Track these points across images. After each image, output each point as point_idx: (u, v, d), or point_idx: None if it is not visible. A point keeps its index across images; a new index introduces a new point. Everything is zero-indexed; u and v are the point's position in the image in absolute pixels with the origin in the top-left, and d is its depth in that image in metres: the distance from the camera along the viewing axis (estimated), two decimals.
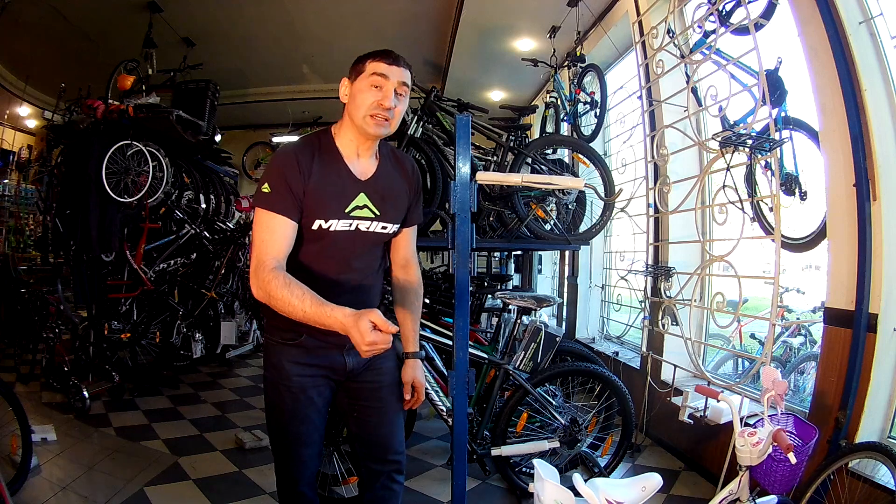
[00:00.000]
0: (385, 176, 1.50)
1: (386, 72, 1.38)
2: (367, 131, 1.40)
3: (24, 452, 2.35)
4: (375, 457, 1.57)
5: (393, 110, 1.39)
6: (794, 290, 3.48)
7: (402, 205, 1.53)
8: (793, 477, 1.60)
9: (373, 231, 1.46)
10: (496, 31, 4.55)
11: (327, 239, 1.42)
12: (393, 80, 1.39)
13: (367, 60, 1.40)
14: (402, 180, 1.54)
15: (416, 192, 1.57)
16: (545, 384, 2.56)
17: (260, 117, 7.38)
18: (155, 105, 4.10)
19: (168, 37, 4.70)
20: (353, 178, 1.44)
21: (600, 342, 4.36)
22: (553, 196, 3.11)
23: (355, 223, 1.43)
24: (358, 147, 1.46)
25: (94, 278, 3.88)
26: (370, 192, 1.45)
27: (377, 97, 1.38)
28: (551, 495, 1.61)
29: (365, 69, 1.40)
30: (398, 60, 1.41)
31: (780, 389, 1.69)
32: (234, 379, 4.58)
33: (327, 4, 4.53)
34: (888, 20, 1.99)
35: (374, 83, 1.38)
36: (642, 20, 3.29)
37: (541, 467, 1.70)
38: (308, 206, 1.38)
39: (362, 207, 1.43)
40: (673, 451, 2.98)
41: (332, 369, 1.50)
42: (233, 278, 5.26)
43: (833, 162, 2.11)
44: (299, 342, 1.47)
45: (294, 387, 1.48)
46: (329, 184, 1.41)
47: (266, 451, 2.83)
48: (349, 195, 1.42)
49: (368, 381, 1.54)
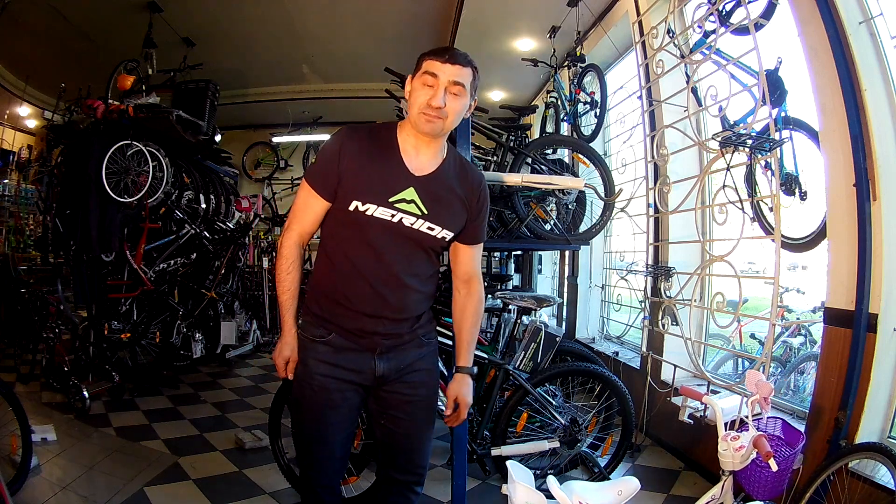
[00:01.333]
0: (443, 178, 1.45)
1: (437, 70, 1.36)
2: (419, 128, 1.39)
3: (24, 452, 2.35)
4: (398, 466, 1.57)
5: (444, 109, 1.36)
6: (794, 290, 3.48)
7: (458, 213, 1.47)
8: (777, 483, 1.58)
9: (417, 229, 1.41)
10: (496, 31, 4.55)
11: (366, 224, 1.39)
12: (444, 78, 1.36)
13: (424, 58, 1.39)
14: (462, 189, 1.48)
15: (478, 208, 1.51)
16: (545, 384, 2.56)
17: (260, 117, 7.38)
18: (155, 105, 4.10)
19: (168, 37, 4.69)
20: (405, 170, 1.42)
21: (600, 342, 4.36)
22: (553, 196, 3.11)
23: (399, 215, 1.39)
24: (417, 143, 1.44)
25: (94, 278, 3.87)
26: (421, 188, 1.41)
27: (428, 95, 1.36)
28: (522, 498, 1.58)
29: (421, 66, 1.39)
30: (454, 58, 1.36)
31: (764, 392, 1.65)
32: (234, 379, 4.58)
33: (327, 4, 4.53)
34: (888, 20, 1.99)
35: (426, 82, 1.37)
36: (642, 20, 3.29)
37: (513, 469, 1.66)
38: (346, 186, 1.39)
39: (409, 202, 1.40)
40: (673, 451, 2.98)
41: (361, 373, 1.46)
42: (233, 278, 5.27)
43: (833, 162, 2.11)
44: (327, 340, 1.46)
45: (315, 385, 1.46)
46: (376, 169, 1.40)
47: (266, 451, 2.83)
48: (398, 186, 1.40)
49: (401, 392, 1.51)
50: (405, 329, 1.48)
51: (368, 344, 1.45)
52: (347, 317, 1.44)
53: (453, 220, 1.46)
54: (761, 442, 1.47)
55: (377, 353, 1.46)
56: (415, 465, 1.57)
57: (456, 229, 1.48)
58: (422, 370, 1.53)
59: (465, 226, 1.50)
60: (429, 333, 1.57)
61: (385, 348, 1.47)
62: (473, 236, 1.53)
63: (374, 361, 1.46)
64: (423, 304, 1.52)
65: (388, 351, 1.47)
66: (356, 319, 1.44)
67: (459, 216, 1.48)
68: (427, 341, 1.55)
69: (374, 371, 1.47)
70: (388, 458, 1.58)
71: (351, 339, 1.45)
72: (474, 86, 1.42)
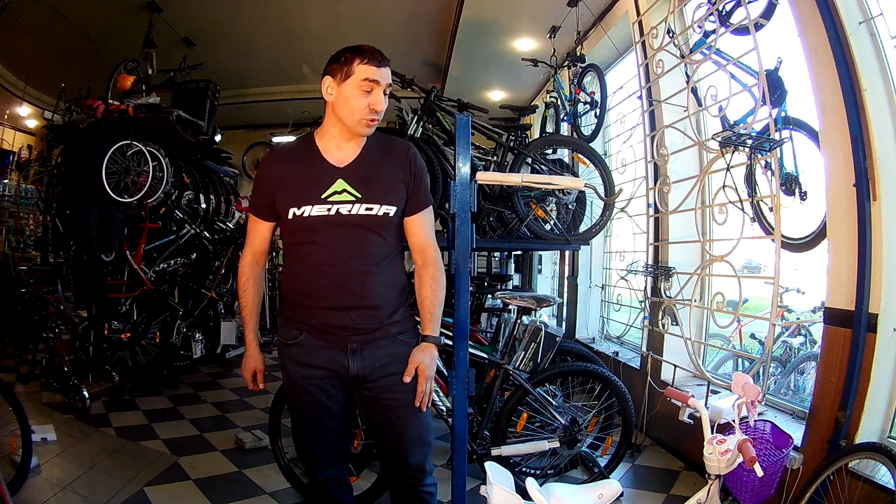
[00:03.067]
0: (367, 160, 1.49)
1: (377, 76, 1.41)
2: (360, 132, 1.45)
3: (24, 452, 2.35)
4: (397, 468, 1.58)
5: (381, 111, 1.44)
6: (795, 290, 3.48)
7: (393, 187, 1.49)
8: (765, 488, 1.56)
9: (357, 213, 1.44)
10: (496, 31, 4.55)
11: (308, 226, 1.44)
12: (383, 83, 1.42)
13: (356, 62, 1.41)
14: (390, 163, 1.51)
15: (413, 176, 1.52)
16: (545, 384, 2.56)
17: (260, 117, 7.38)
18: (155, 105, 4.10)
19: (168, 37, 4.69)
20: (329, 167, 1.47)
21: (600, 342, 4.36)
22: (553, 196, 3.11)
23: (335, 207, 1.43)
24: (339, 142, 1.48)
25: (94, 278, 3.87)
26: (348, 176, 1.46)
27: (369, 101, 1.41)
28: (500, 500, 1.55)
29: (354, 72, 1.41)
30: (385, 60, 1.43)
31: (751, 395, 1.62)
32: (234, 379, 4.58)
33: (327, 4, 4.54)
34: (888, 20, 1.98)
35: (364, 88, 1.40)
36: (642, 20, 3.28)
37: (491, 471, 1.63)
38: (281, 200, 1.46)
39: (341, 192, 1.44)
40: (673, 450, 2.98)
41: (335, 372, 1.48)
42: (233, 278, 5.25)
43: (833, 162, 2.11)
44: (299, 341, 1.48)
45: (298, 388, 1.50)
46: (303, 175, 1.46)
47: (266, 451, 2.83)
48: (326, 182, 1.45)
49: (382, 396, 1.51)
50: (373, 323, 1.47)
51: (338, 341, 1.46)
52: (314, 314, 1.47)
53: (390, 195, 1.48)
54: (746, 446, 1.44)
55: (348, 350, 1.47)
56: (411, 468, 1.56)
57: (397, 203, 1.49)
58: (398, 374, 1.49)
59: (407, 198, 1.51)
60: (405, 332, 1.54)
61: (356, 345, 1.47)
62: (415, 204, 1.53)
63: (347, 360, 1.47)
64: (388, 290, 1.51)
65: (360, 348, 1.47)
66: (322, 315, 1.46)
67: (396, 190, 1.49)
68: (404, 341, 1.53)
69: (347, 369, 1.47)
70: (387, 460, 1.60)
71: (321, 336, 1.47)
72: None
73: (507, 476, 1.68)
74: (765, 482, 1.54)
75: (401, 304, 1.54)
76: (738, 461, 1.51)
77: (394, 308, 1.51)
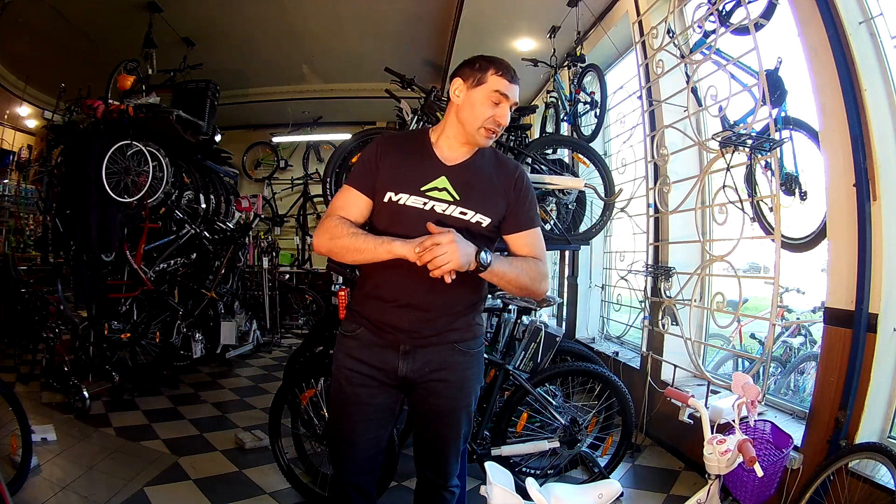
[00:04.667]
0: (476, 167, 1.49)
1: (508, 91, 1.42)
2: (477, 141, 1.46)
3: (24, 452, 2.35)
4: (431, 467, 1.59)
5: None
6: (795, 290, 3.48)
7: (494, 199, 1.47)
8: (765, 488, 1.56)
9: (450, 215, 1.43)
10: (496, 31, 4.55)
11: (400, 213, 1.43)
12: (512, 99, 1.43)
13: (490, 72, 1.43)
14: (497, 177, 1.50)
15: (518, 194, 1.49)
16: (545, 384, 2.56)
17: (260, 117, 7.38)
18: (155, 105, 4.10)
19: (168, 37, 4.69)
20: (437, 161, 1.47)
21: (600, 342, 4.36)
22: (553, 196, 3.11)
23: (431, 203, 1.42)
24: (451, 144, 1.49)
25: (94, 278, 3.87)
26: (453, 176, 1.45)
27: (495, 113, 1.42)
28: (500, 500, 1.56)
29: (487, 80, 1.42)
30: (516, 79, 1.45)
31: (751, 395, 1.62)
32: (234, 379, 4.58)
33: (327, 4, 4.53)
34: (888, 20, 1.99)
35: (494, 99, 1.42)
36: (642, 20, 3.28)
37: (491, 471, 1.64)
38: (381, 181, 1.45)
39: (441, 189, 1.43)
40: (673, 450, 2.98)
41: (383, 370, 1.47)
42: (233, 278, 5.27)
43: (833, 162, 2.11)
44: (356, 334, 1.49)
45: (342, 379, 1.50)
46: (408, 163, 1.46)
47: (266, 451, 2.82)
48: (429, 176, 1.45)
49: (427, 400, 1.51)
50: (431, 330, 1.45)
51: (392, 340, 1.46)
52: (376, 308, 1.46)
53: (488, 205, 1.46)
54: (746, 446, 1.44)
55: (400, 351, 1.46)
56: (442, 470, 1.58)
57: (494, 215, 1.47)
58: (448, 381, 1.48)
59: (506, 212, 1.49)
60: (465, 342, 1.50)
61: (409, 346, 1.46)
62: (518, 223, 1.50)
63: (398, 360, 1.46)
64: (458, 302, 1.47)
65: (412, 350, 1.46)
66: (383, 311, 1.45)
67: (496, 202, 1.48)
68: (462, 350, 1.50)
69: (396, 370, 1.46)
70: (422, 458, 1.60)
71: (376, 333, 1.47)
72: None
73: (507, 476, 1.68)
74: (765, 482, 1.54)
75: (467, 313, 1.51)
76: (738, 461, 1.50)
77: (457, 317, 1.48)
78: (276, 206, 7.63)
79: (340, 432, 1.54)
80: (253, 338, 5.56)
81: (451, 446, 1.56)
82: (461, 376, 1.51)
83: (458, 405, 1.52)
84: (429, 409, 1.52)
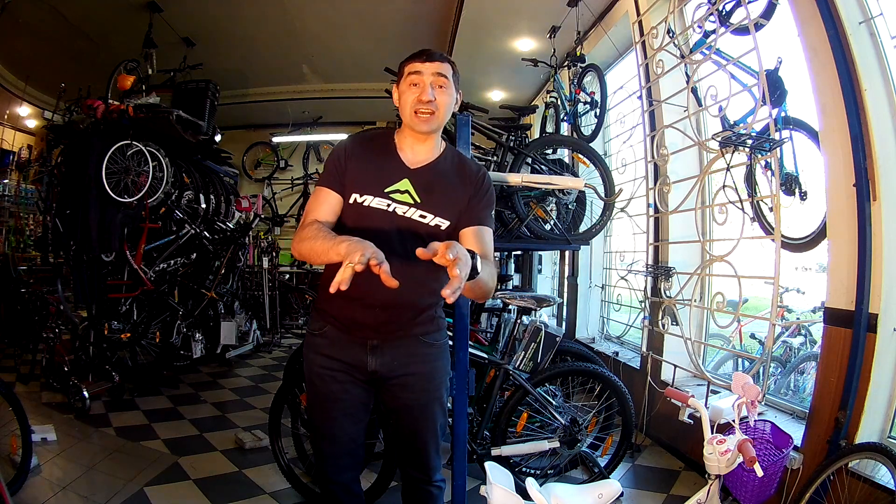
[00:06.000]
0: (438, 169, 1.51)
1: (419, 68, 1.44)
2: (416, 128, 1.47)
3: (24, 452, 2.35)
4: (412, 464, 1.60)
5: (434, 102, 1.43)
6: (794, 290, 3.48)
7: (454, 202, 1.49)
8: (765, 488, 1.56)
9: (410, 217, 1.45)
10: (496, 31, 4.55)
11: (364, 214, 1.45)
12: (427, 73, 1.43)
13: (404, 64, 1.47)
14: (458, 180, 1.51)
15: (476, 190, 1.51)
16: (545, 384, 2.56)
17: (260, 117, 7.39)
18: (155, 105, 4.10)
19: (168, 37, 4.70)
20: (400, 164, 1.49)
21: (600, 342, 4.37)
22: (553, 196, 3.11)
23: (394, 205, 1.45)
24: (413, 143, 1.51)
25: (94, 278, 3.87)
26: (415, 179, 1.47)
27: (416, 94, 1.44)
28: (500, 500, 1.57)
29: (403, 73, 1.47)
30: (432, 56, 1.45)
31: (751, 395, 1.62)
32: (234, 379, 4.58)
33: (327, 4, 4.53)
34: (888, 20, 1.99)
35: (411, 82, 1.44)
36: (642, 20, 3.29)
37: (491, 471, 1.64)
38: (349, 182, 1.47)
39: (403, 192, 1.46)
40: (673, 450, 2.98)
41: (354, 367, 1.49)
42: (233, 278, 5.27)
43: (833, 162, 2.11)
44: (324, 332, 1.51)
45: (315, 378, 1.52)
46: (373, 165, 1.48)
47: (266, 451, 2.83)
48: (393, 178, 1.47)
49: (399, 395, 1.53)
50: (396, 325, 1.48)
51: (359, 336, 1.48)
52: (342, 306, 1.47)
53: (448, 208, 1.48)
54: (746, 447, 1.44)
55: (368, 346, 1.48)
56: (424, 466, 1.59)
57: (452, 218, 1.49)
58: (416, 374, 1.51)
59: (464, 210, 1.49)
60: (430, 334, 1.55)
61: (376, 342, 1.48)
62: (471, 218, 1.49)
63: (366, 356, 1.48)
64: (422, 295, 1.49)
65: (380, 346, 1.48)
66: (350, 309, 1.46)
67: (455, 205, 1.49)
68: (428, 342, 1.54)
69: (365, 365, 1.49)
70: (403, 457, 1.61)
71: (344, 330, 1.49)
72: (456, 79, 1.49)
73: (507, 476, 1.68)
74: (765, 482, 1.54)
75: (430, 308, 1.54)
76: (738, 461, 1.50)
77: (421, 312, 1.51)
78: (276, 206, 7.64)
79: (320, 430, 1.56)
80: (253, 338, 5.56)
81: (429, 441, 1.57)
82: (430, 367, 1.54)
83: (429, 398, 1.54)
84: (401, 404, 1.54)
